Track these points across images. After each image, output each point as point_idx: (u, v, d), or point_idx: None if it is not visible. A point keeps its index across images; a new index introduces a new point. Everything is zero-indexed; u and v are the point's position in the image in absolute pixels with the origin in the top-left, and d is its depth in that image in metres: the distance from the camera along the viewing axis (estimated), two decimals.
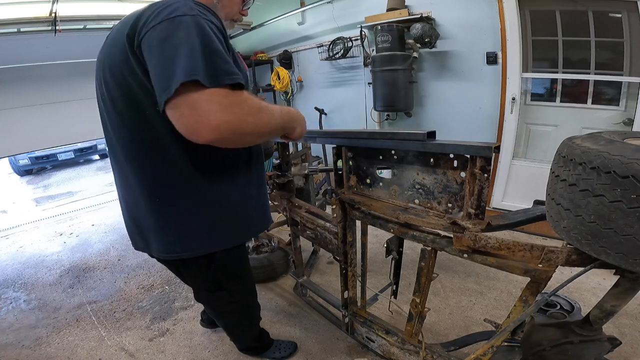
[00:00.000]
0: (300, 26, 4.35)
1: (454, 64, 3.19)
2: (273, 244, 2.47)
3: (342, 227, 1.52)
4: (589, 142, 0.75)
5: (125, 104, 0.94)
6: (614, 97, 2.63)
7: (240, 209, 1.15)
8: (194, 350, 1.89)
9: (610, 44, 2.53)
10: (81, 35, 3.83)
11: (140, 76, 0.87)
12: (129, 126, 0.97)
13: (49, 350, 1.99)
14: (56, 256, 3.28)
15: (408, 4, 3.22)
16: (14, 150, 4.66)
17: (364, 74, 3.86)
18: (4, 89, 3.91)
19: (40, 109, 4.21)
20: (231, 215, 1.13)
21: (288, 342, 1.85)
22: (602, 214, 0.69)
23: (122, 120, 0.97)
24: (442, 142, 1.05)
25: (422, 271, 1.24)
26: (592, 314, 0.97)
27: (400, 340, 1.48)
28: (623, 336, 1.71)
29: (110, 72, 0.93)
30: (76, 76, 4.39)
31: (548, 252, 0.88)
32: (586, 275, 0.87)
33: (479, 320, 1.92)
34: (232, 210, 1.12)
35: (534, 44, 2.84)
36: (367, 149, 1.33)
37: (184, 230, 1.08)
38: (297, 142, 2.25)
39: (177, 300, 2.37)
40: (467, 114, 3.21)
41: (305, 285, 2.14)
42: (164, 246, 1.10)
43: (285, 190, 1.98)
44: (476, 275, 2.36)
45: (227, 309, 1.46)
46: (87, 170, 7.67)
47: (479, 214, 1.00)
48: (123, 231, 3.76)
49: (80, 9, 3.51)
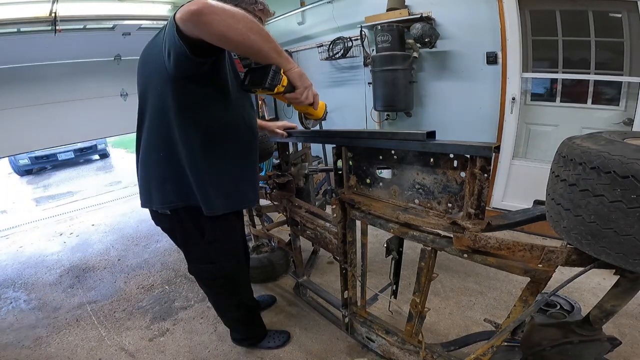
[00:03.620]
0: (300, 26, 4.35)
1: (454, 64, 3.19)
2: (273, 244, 2.47)
3: (342, 227, 1.52)
4: (589, 142, 0.75)
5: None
6: (614, 97, 2.63)
7: (234, 184, 1.34)
8: (194, 350, 1.89)
9: (610, 44, 2.53)
10: (81, 35, 3.83)
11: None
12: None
13: (49, 350, 1.99)
14: (56, 256, 3.28)
15: (408, 4, 3.22)
16: (14, 150, 4.66)
17: (364, 74, 3.86)
18: (4, 89, 3.91)
19: (40, 109, 4.21)
20: (226, 186, 1.31)
21: (281, 332, 1.91)
22: (602, 214, 0.69)
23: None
24: (442, 142, 1.05)
25: (422, 271, 1.24)
26: (592, 314, 0.97)
27: (400, 340, 1.48)
28: (623, 336, 1.71)
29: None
30: (76, 76, 4.40)
31: (548, 252, 0.87)
32: (586, 275, 0.87)
33: (479, 320, 1.92)
34: (227, 183, 1.31)
35: (534, 44, 2.84)
36: (367, 148, 1.33)
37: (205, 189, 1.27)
38: (297, 143, 2.25)
39: (177, 300, 2.37)
40: (467, 114, 3.21)
41: (305, 285, 2.14)
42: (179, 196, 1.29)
43: (285, 190, 1.98)
44: (476, 275, 2.36)
45: (217, 283, 1.56)
46: (87, 170, 7.68)
47: (479, 214, 1.00)
48: (123, 231, 3.80)
49: (80, 9, 3.52)
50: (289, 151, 2.04)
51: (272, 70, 1.02)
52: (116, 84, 4.71)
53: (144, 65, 1.25)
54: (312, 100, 1.17)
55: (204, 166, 1.24)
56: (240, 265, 1.62)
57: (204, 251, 1.45)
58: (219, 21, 0.88)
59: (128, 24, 3.89)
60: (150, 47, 1.21)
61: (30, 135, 4.21)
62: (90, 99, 4.57)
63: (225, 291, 1.61)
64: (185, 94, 1.15)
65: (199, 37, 0.93)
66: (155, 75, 1.16)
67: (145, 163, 1.31)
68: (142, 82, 1.25)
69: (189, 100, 1.16)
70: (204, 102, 1.19)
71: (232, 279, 1.57)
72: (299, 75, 1.09)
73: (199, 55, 1.00)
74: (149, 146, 1.27)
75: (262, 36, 0.97)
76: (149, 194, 1.33)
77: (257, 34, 0.95)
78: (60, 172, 7.51)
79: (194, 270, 1.55)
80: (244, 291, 1.68)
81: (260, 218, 2.53)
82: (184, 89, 1.13)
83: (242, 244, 1.64)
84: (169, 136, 1.21)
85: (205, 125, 1.21)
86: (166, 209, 1.32)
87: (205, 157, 1.23)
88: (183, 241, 1.46)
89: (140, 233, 3.66)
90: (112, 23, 3.81)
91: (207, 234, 1.39)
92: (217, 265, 1.49)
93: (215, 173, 1.27)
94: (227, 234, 1.46)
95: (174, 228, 1.42)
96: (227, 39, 0.93)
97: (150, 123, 1.25)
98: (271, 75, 1.02)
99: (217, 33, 0.91)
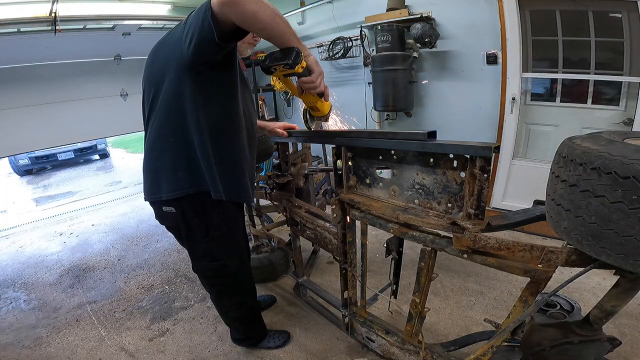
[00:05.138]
0: (300, 26, 4.34)
1: (454, 64, 3.19)
2: (273, 244, 2.47)
3: (341, 227, 1.52)
4: (590, 143, 0.74)
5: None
6: (614, 97, 2.63)
7: (236, 176, 1.37)
8: (194, 350, 1.89)
9: (610, 44, 2.53)
10: (81, 35, 3.82)
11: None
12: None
13: (49, 350, 1.99)
14: (56, 256, 3.28)
15: (408, 4, 3.21)
16: (14, 150, 4.66)
17: (364, 74, 3.86)
18: (4, 89, 3.90)
19: (40, 109, 4.21)
20: (229, 174, 1.34)
21: (281, 332, 1.92)
22: (602, 214, 0.69)
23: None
24: (441, 142, 1.05)
25: (422, 271, 1.24)
26: (592, 314, 0.97)
27: (400, 340, 1.48)
28: (623, 336, 1.71)
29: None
30: (76, 76, 4.39)
31: (548, 252, 0.87)
32: (586, 275, 0.87)
33: (479, 320, 1.92)
34: (230, 170, 1.34)
35: (534, 44, 2.83)
36: (366, 149, 1.33)
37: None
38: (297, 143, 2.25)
39: (177, 300, 2.37)
40: (467, 114, 3.21)
41: (305, 285, 2.14)
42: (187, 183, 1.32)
43: (285, 190, 1.98)
44: (476, 275, 2.35)
45: (219, 282, 1.57)
46: (87, 170, 7.68)
47: (479, 214, 1.00)
48: (123, 231, 3.80)
49: (80, 9, 3.51)
50: (289, 151, 2.04)
51: (295, 51, 1.07)
52: (116, 84, 4.71)
53: (156, 55, 1.30)
54: (324, 89, 1.21)
55: (212, 150, 1.27)
56: (244, 265, 1.63)
57: (208, 248, 1.46)
58: (252, 3, 0.99)
59: (128, 24, 3.88)
60: (165, 40, 1.28)
61: (30, 135, 4.20)
62: (90, 99, 4.56)
63: (228, 290, 1.61)
64: (200, 80, 1.20)
65: (231, 20, 1.01)
66: (171, 63, 1.20)
67: (154, 151, 1.33)
68: (153, 74, 1.29)
69: (204, 86, 1.21)
70: (217, 90, 1.25)
71: (235, 278, 1.58)
72: (315, 62, 1.15)
73: (223, 40, 1.07)
74: (160, 134, 1.30)
75: (285, 22, 1.07)
76: (157, 184, 1.34)
77: (281, 18, 1.06)
78: (60, 172, 7.52)
79: (198, 268, 1.56)
80: (246, 291, 1.68)
81: (260, 218, 2.54)
82: (199, 75, 1.19)
83: (244, 243, 1.65)
84: (181, 122, 1.25)
85: (216, 113, 1.26)
86: (176, 196, 1.33)
87: (213, 142, 1.27)
88: (188, 238, 1.46)
89: (140, 233, 3.66)
90: (112, 23, 3.80)
91: (211, 230, 1.41)
92: (221, 263, 1.50)
93: (220, 159, 1.30)
94: (231, 230, 1.48)
95: (179, 225, 1.42)
96: (257, 19, 1.01)
97: (160, 111, 1.27)
98: (294, 55, 1.07)
99: (251, 11, 0.99)
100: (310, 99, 1.26)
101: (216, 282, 1.59)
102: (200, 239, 1.43)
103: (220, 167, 1.30)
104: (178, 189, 1.31)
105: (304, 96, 1.25)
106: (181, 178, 1.30)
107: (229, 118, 1.30)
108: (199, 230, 1.41)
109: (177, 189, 1.31)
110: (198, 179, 1.30)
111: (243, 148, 1.37)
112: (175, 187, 1.31)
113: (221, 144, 1.29)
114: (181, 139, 1.27)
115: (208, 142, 1.26)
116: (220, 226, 1.42)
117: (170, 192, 1.32)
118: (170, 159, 1.30)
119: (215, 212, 1.38)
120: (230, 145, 1.32)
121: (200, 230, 1.41)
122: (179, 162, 1.30)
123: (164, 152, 1.31)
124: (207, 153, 1.27)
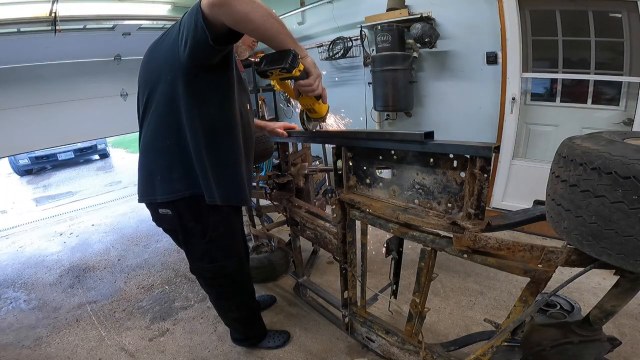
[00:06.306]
0: (300, 26, 4.34)
1: (454, 64, 3.18)
2: (273, 244, 2.47)
3: (341, 227, 1.52)
4: (590, 143, 0.74)
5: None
6: (614, 97, 2.63)
7: (232, 178, 1.35)
8: (194, 350, 1.89)
9: (610, 44, 2.53)
10: (81, 35, 3.82)
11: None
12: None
13: (49, 350, 1.99)
14: (56, 256, 3.28)
15: (408, 4, 3.21)
16: (14, 150, 4.66)
17: (364, 74, 3.86)
18: (4, 89, 3.90)
19: (40, 109, 4.21)
20: (224, 177, 1.33)
21: (281, 332, 1.92)
22: (603, 214, 0.68)
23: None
24: (441, 142, 1.05)
25: (422, 271, 1.24)
26: (592, 314, 0.97)
27: (400, 340, 1.48)
28: (623, 336, 1.71)
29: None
30: (76, 76, 4.39)
31: (548, 252, 0.87)
32: (586, 275, 0.87)
33: (479, 320, 1.92)
34: (225, 174, 1.33)
35: (534, 44, 2.83)
36: (366, 149, 1.33)
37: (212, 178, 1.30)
38: (297, 143, 2.25)
39: (177, 300, 2.37)
40: (467, 114, 3.21)
41: (305, 285, 2.14)
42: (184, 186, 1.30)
43: (285, 190, 1.98)
44: (476, 275, 2.35)
45: (218, 282, 1.57)
46: (87, 170, 7.68)
47: (479, 214, 1.00)
48: (123, 231, 3.79)
49: (80, 9, 3.51)
50: (289, 151, 2.04)
51: (291, 54, 1.03)
52: (116, 84, 4.71)
53: (152, 55, 1.28)
54: (322, 91, 1.19)
55: (206, 154, 1.26)
56: (243, 266, 1.62)
57: (205, 250, 1.45)
58: (242, 3, 0.95)
59: (128, 24, 3.88)
60: (161, 39, 1.26)
61: (30, 135, 4.20)
62: (90, 99, 4.57)
63: (227, 291, 1.61)
64: (196, 82, 1.18)
65: (222, 21, 0.98)
66: (166, 65, 1.19)
67: (149, 152, 1.32)
68: (149, 73, 1.27)
69: (200, 88, 1.20)
70: (213, 92, 1.23)
71: (234, 278, 1.57)
72: (313, 64, 1.13)
73: (217, 43, 1.04)
74: (155, 135, 1.28)
75: (279, 22, 1.04)
76: (151, 186, 1.32)
77: (275, 19, 1.02)
78: (60, 172, 7.51)
79: (196, 269, 1.55)
80: (245, 292, 1.68)
81: (260, 218, 2.54)
82: (195, 77, 1.17)
83: (243, 244, 1.64)
84: (176, 123, 1.23)
85: (211, 115, 1.24)
86: (171, 198, 1.31)
87: (208, 144, 1.25)
88: (185, 240, 1.45)
89: (140, 233, 3.66)
90: (112, 23, 3.80)
91: (208, 232, 1.39)
92: (219, 264, 1.49)
93: (215, 162, 1.28)
94: (228, 231, 1.47)
95: (176, 227, 1.41)
96: (249, 20, 0.97)
97: (156, 112, 1.26)
98: (291, 58, 1.03)
99: (242, 12, 0.96)
100: (308, 102, 1.24)
101: (215, 284, 1.58)
102: (197, 241, 1.42)
103: (215, 170, 1.29)
104: (173, 191, 1.30)
105: (301, 98, 1.23)
106: (176, 180, 1.29)
107: (224, 120, 1.28)
108: (196, 233, 1.40)
109: (173, 191, 1.30)
110: (194, 181, 1.29)
111: (239, 150, 1.36)
112: (170, 190, 1.30)
113: (216, 146, 1.27)
114: (176, 141, 1.25)
115: (202, 144, 1.24)
116: (218, 228, 1.41)
117: (165, 194, 1.31)
118: (165, 160, 1.29)
119: (212, 214, 1.36)
120: (225, 147, 1.30)
121: (198, 232, 1.40)
122: (174, 164, 1.28)
123: (159, 153, 1.29)
124: (202, 156, 1.25)
